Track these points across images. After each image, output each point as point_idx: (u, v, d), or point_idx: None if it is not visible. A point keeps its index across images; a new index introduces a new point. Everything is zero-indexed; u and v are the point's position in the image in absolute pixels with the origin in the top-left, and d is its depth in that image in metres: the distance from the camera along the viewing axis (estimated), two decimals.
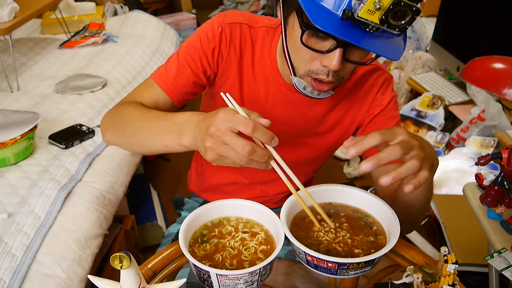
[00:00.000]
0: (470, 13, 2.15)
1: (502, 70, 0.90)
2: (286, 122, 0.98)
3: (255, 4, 4.68)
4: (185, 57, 0.92)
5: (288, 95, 0.95)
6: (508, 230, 0.94)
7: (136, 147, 0.90)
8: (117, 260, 0.55)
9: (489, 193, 1.01)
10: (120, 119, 0.90)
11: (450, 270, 0.63)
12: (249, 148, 0.64)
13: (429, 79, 2.47)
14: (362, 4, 0.63)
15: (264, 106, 0.96)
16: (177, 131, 0.75)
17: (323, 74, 0.77)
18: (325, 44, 0.74)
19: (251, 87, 0.96)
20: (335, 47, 0.72)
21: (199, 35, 0.92)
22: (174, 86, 0.93)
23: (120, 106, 0.92)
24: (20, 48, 2.24)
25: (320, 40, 0.74)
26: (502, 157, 0.95)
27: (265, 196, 1.11)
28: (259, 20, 0.95)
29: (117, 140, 0.92)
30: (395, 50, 0.72)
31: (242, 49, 0.93)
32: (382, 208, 0.75)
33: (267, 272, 0.66)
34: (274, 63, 0.93)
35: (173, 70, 0.93)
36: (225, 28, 0.91)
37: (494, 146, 1.85)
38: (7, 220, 1.13)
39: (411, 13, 0.64)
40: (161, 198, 2.11)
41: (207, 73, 0.94)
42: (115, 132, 0.91)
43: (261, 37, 0.93)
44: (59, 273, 1.06)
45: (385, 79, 0.98)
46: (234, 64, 0.94)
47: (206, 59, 0.92)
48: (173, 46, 2.58)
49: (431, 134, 2.20)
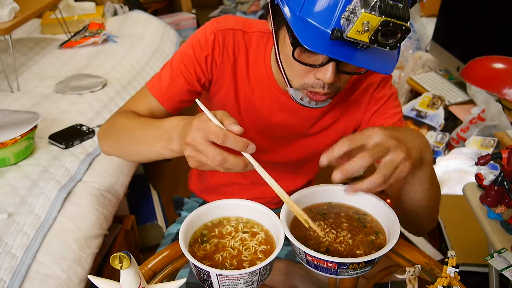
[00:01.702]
0: (470, 13, 2.15)
1: (502, 70, 0.90)
2: (282, 125, 0.98)
3: (255, 4, 4.67)
4: (178, 66, 0.92)
5: (284, 100, 0.94)
6: (508, 230, 0.94)
7: (131, 156, 0.92)
8: (117, 260, 0.55)
9: (489, 193, 1.01)
10: (113, 129, 0.91)
11: (449, 273, 0.63)
12: (219, 158, 0.65)
13: (429, 79, 2.47)
14: (350, 25, 0.62)
15: (260, 111, 0.96)
16: (166, 137, 0.76)
17: (319, 87, 0.77)
18: (318, 58, 0.73)
19: (246, 92, 0.95)
20: (328, 61, 0.72)
21: (192, 43, 0.92)
22: (167, 95, 0.93)
23: (114, 117, 0.94)
24: (20, 48, 2.23)
25: (312, 54, 0.73)
26: (502, 157, 0.95)
27: (265, 197, 1.11)
28: (253, 25, 0.94)
29: (113, 150, 0.94)
30: (388, 63, 0.71)
31: (236, 55, 0.93)
32: (382, 208, 0.74)
33: (267, 272, 0.66)
34: (269, 69, 0.93)
35: (167, 79, 0.93)
36: (218, 35, 0.90)
37: (494, 146, 1.85)
38: (7, 220, 1.13)
39: (401, 32, 0.63)
40: (161, 198, 2.11)
41: (201, 81, 0.94)
42: (111, 143, 0.93)
43: (255, 43, 0.93)
44: (59, 273, 1.06)
45: (383, 78, 0.97)
46: (228, 70, 0.93)
47: (200, 66, 0.92)
48: (173, 46, 2.58)
49: (431, 134, 2.20)
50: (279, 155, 1.04)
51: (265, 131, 0.99)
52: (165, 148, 0.77)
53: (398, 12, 0.60)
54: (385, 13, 0.60)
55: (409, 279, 0.66)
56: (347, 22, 0.63)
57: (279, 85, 0.93)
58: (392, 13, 0.60)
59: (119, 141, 0.90)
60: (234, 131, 0.67)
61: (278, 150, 1.02)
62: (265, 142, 1.00)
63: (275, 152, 1.03)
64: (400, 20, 0.61)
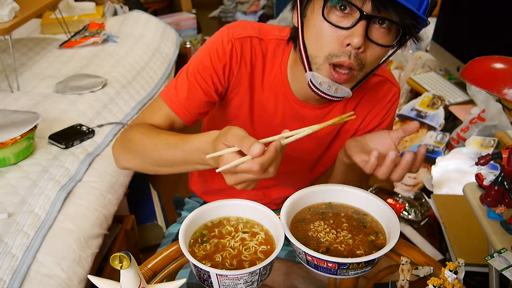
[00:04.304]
0: (470, 13, 2.15)
1: (502, 70, 0.90)
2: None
3: (255, 4, 4.67)
4: (195, 76, 0.90)
5: (297, 109, 0.94)
6: (508, 230, 0.94)
7: (158, 173, 0.91)
8: (117, 260, 0.55)
9: (489, 193, 1.01)
10: (133, 146, 0.89)
11: (447, 276, 0.63)
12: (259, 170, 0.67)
13: (429, 79, 2.47)
14: None
15: (273, 119, 0.96)
16: (196, 160, 0.78)
17: (345, 56, 0.75)
18: (348, 21, 0.74)
19: (261, 99, 0.95)
20: (357, 20, 0.72)
21: (209, 52, 0.89)
22: (186, 108, 0.91)
23: (130, 132, 0.90)
24: (20, 48, 2.23)
25: (342, 17, 0.74)
26: (502, 157, 0.94)
27: (266, 198, 1.11)
28: (270, 31, 0.93)
29: (134, 167, 0.93)
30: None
31: (253, 63, 0.91)
32: (382, 208, 0.74)
33: (267, 272, 0.66)
34: (285, 77, 0.92)
35: (184, 91, 0.90)
36: (235, 43, 0.88)
37: (494, 146, 1.85)
38: (7, 220, 1.13)
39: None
40: (161, 198, 2.11)
41: (218, 91, 0.92)
42: (131, 161, 0.91)
43: (272, 50, 0.92)
44: (59, 273, 1.06)
45: (394, 93, 0.98)
46: (245, 78, 0.92)
47: (217, 76, 0.90)
48: (173, 46, 2.58)
49: (431, 134, 2.20)
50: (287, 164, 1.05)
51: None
52: (201, 165, 0.79)
53: None
54: None
55: (401, 269, 0.67)
56: None
57: (294, 94, 0.93)
58: None
59: (142, 160, 0.88)
60: (257, 154, 0.65)
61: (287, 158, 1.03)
62: None
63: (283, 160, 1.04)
64: None
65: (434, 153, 2.10)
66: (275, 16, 4.21)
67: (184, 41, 3.30)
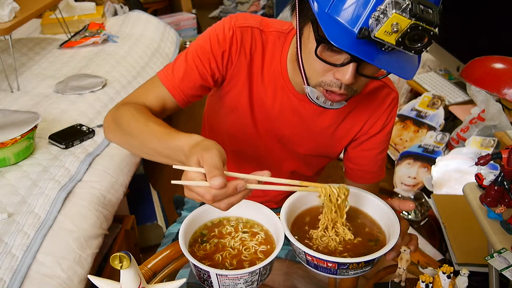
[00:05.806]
0: (470, 13, 2.15)
1: (502, 70, 0.90)
2: (290, 127, 0.98)
3: (255, 4, 4.68)
4: (193, 59, 0.91)
5: (296, 102, 0.94)
6: (508, 230, 0.94)
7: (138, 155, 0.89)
8: (117, 260, 0.55)
9: (489, 193, 1.01)
10: (121, 124, 0.88)
11: (441, 278, 0.63)
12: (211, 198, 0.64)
13: (429, 79, 2.47)
14: (379, 25, 0.62)
15: (271, 111, 0.96)
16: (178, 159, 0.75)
17: (336, 87, 0.77)
18: (339, 58, 0.74)
19: (259, 91, 0.95)
20: (349, 61, 0.72)
21: (210, 37, 0.90)
22: (180, 88, 0.91)
23: (123, 108, 0.90)
24: (20, 48, 2.23)
25: (334, 54, 0.74)
26: (502, 157, 0.94)
27: (266, 195, 1.11)
28: (271, 24, 0.93)
29: (118, 143, 0.92)
30: (409, 69, 0.72)
31: (252, 54, 0.92)
32: (382, 208, 0.75)
33: (267, 272, 0.66)
34: (284, 69, 0.92)
35: (181, 72, 0.91)
36: (236, 31, 0.89)
37: (494, 146, 1.85)
38: (7, 220, 1.13)
39: (428, 37, 0.64)
40: (161, 198, 2.11)
41: (215, 76, 0.92)
42: (117, 136, 0.90)
43: (272, 42, 0.92)
44: (59, 273, 1.06)
45: (393, 98, 0.99)
46: (244, 69, 0.92)
47: (215, 62, 0.90)
48: (173, 46, 2.58)
49: (431, 134, 2.20)
50: (284, 162, 1.04)
51: (273, 131, 0.99)
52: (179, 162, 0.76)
53: (428, 17, 0.61)
54: (415, 16, 0.61)
55: (400, 257, 0.67)
56: (376, 22, 0.63)
57: (293, 86, 0.93)
58: (423, 17, 0.61)
59: (127, 140, 0.88)
60: (215, 187, 0.62)
61: (284, 150, 1.03)
62: (272, 142, 1.01)
63: (280, 158, 1.04)
64: (429, 25, 0.62)
65: (434, 153, 2.10)
66: (275, 16, 4.22)
67: (184, 41, 3.30)
